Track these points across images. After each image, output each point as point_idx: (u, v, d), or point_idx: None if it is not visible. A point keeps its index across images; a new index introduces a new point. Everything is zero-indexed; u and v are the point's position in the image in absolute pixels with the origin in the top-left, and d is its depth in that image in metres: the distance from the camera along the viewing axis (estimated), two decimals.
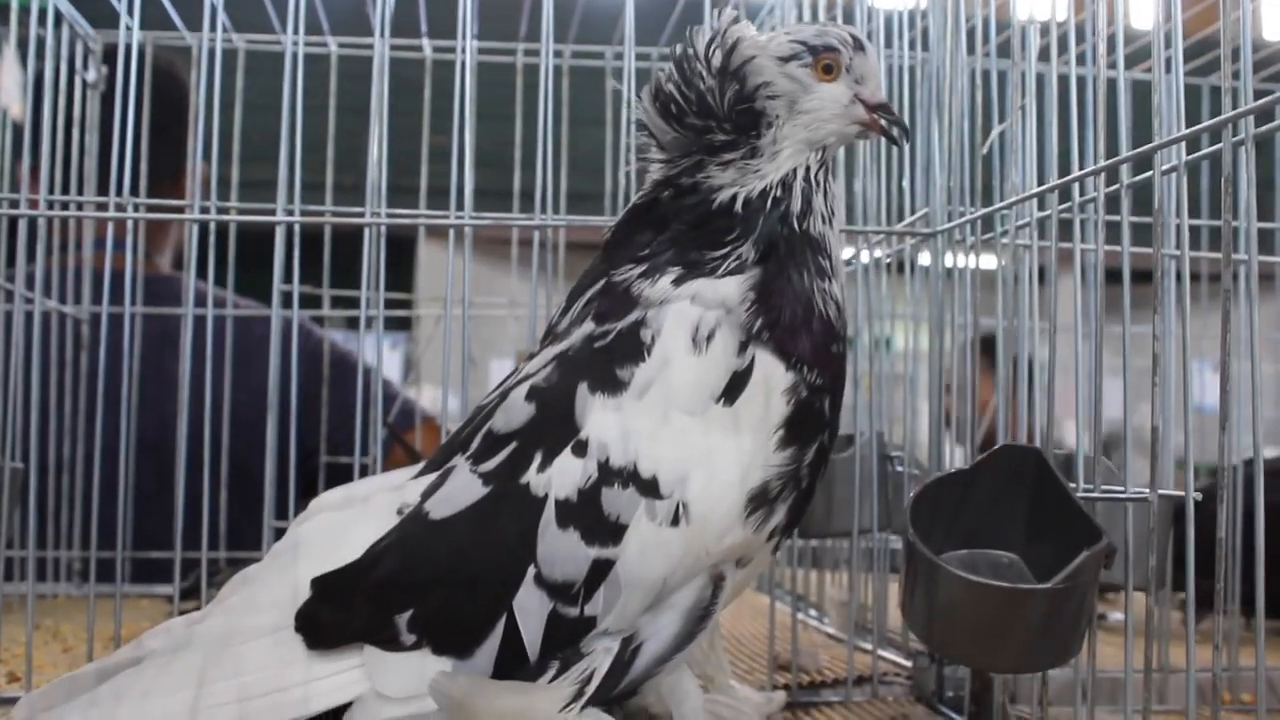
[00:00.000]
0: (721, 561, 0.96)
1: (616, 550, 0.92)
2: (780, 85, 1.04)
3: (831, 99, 1.05)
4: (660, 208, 1.04)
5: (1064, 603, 0.97)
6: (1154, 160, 0.99)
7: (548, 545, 0.92)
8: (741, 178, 1.03)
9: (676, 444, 0.94)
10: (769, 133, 1.04)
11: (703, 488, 0.94)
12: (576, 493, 0.93)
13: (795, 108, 1.04)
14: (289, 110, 1.30)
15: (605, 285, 1.03)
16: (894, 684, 1.34)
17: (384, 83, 1.33)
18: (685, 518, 0.93)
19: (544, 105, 1.32)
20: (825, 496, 1.29)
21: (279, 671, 0.91)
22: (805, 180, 1.03)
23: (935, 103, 1.37)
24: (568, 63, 1.90)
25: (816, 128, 1.05)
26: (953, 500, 1.05)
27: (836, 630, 1.60)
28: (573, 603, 0.91)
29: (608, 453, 0.94)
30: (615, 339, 0.98)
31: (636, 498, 0.93)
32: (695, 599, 0.96)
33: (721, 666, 1.14)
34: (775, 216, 1.02)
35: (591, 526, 0.92)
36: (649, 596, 0.93)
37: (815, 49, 1.04)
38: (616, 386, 0.96)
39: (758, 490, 0.95)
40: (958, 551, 1.03)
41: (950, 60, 1.34)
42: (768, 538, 0.98)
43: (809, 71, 1.04)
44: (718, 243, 1.01)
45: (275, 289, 1.33)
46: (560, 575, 0.91)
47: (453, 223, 1.28)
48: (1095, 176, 1.06)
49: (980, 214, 1.25)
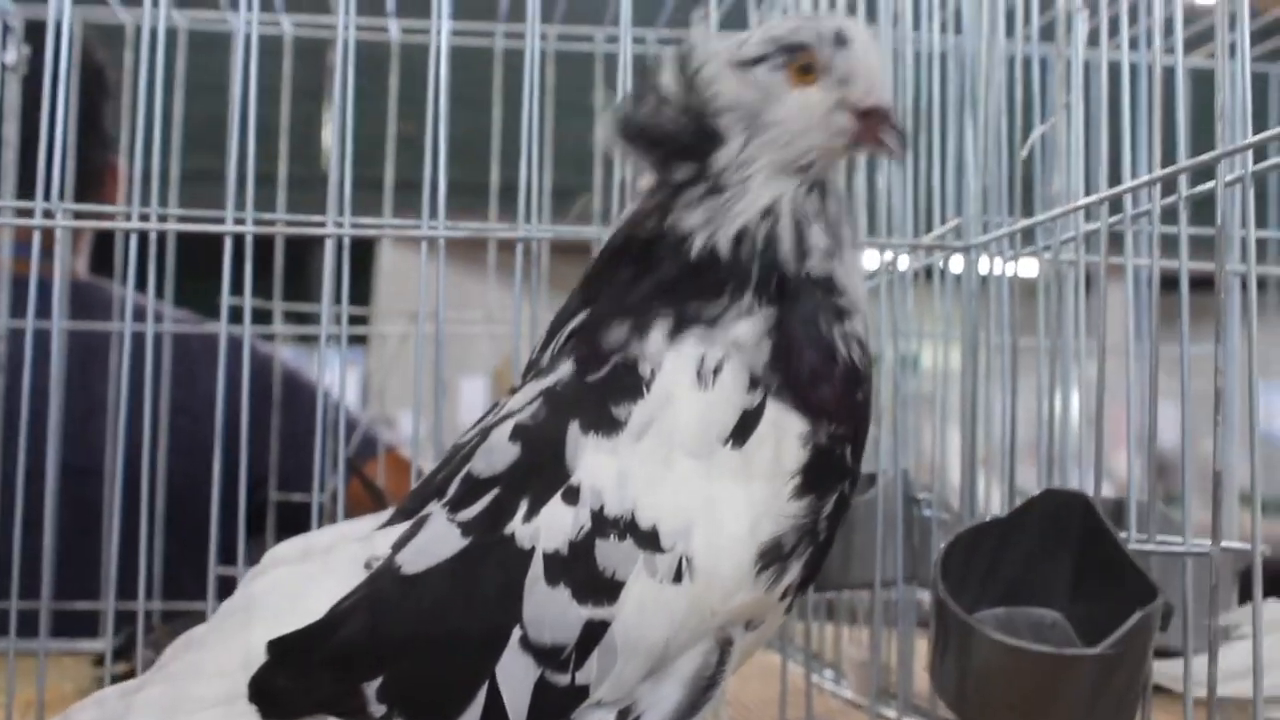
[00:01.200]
0: (729, 623, 0.95)
1: (612, 610, 0.91)
2: (738, 95, 0.99)
3: (804, 107, 0.98)
4: (637, 250, 1.01)
5: (1115, 670, 0.97)
6: (1217, 170, 1.00)
7: (535, 604, 0.91)
8: (712, 218, 0.98)
9: (679, 491, 0.94)
10: (727, 157, 0.98)
11: (709, 540, 0.93)
12: (567, 545, 0.92)
13: (759, 121, 0.99)
14: (240, 105, 1.30)
15: (589, 325, 1.01)
16: None
17: (347, 70, 1.33)
18: (689, 574, 0.92)
19: (529, 98, 1.33)
20: (844, 544, 1.30)
21: None
22: (793, 214, 0.99)
23: (970, 95, 1.38)
24: (553, 46, 1.90)
25: (789, 144, 0.98)
26: (988, 551, 1.06)
27: (856, 695, 1.60)
28: (563, 669, 0.90)
29: (602, 500, 0.93)
30: (610, 372, 0.98)
31: (635, 551, 0.92)
32: (699, 665, 0.95)
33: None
34: (767, 263, 0.98)
35: (584, 583, 0.91)
36: (648, 662, 0.93)
37: (787, 48, 0.99)
38: (612, 426, 0.95)
39: (770, 544, 0.94)
40: (994, 610, 1.04)
41: (986, 46, 1.35)
42: (780, 596, 0.97)
43: (780, 77, 0.99)
44: (713, 294, 0.98)
45: (224, 304, 1.33)
46: (549, 638, 0.90)
47: (425, 234, 1.29)
48: (1150, 187, 1.07)
49: (1019, 227, 1.26)
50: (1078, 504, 1.04)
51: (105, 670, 1.38)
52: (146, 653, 1.33)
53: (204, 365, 1.64)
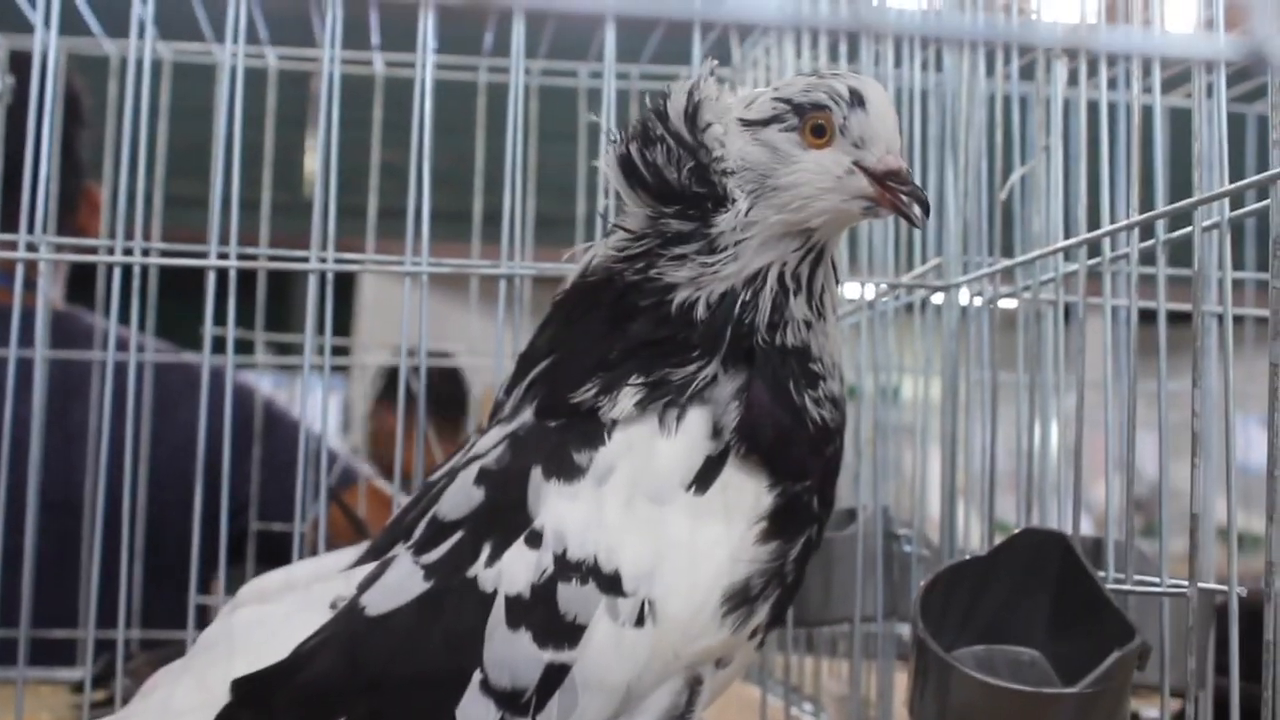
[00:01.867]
0: (696, 663, 0.95)
1: (573, 654, 0.91)
2: (747, 154, 0.97)
3: (818, 169, 0.95)
4: (614, 292, 0.99)
5: (1093, 708, 0.98)
6: (1194, 216, 1.01)
7: (496, 648, 0.91)
8: (698, 277, 0.96)
9: (642, 535, 0.94)
10: (728, 220, 0.96)
11: (672, 584, 0.93)
12: (529, 588, 0.92)
13: (769, 183, 0.96)
14: (225, 136, 1.30)
15: (554, 373, 1.01)
16: None
17: (332, 105, 1.33)
18: (652, 618, 0.92)
19: (512, 133, 1.33)
20: (824, 579, 1.30)
21: None
22: (779, 283, 0.97)
23: (950, 135, 1.39)
24: (537, 80, 1.91)
25: (798, 207, 0.96)
26: (968, 590, 1.07)
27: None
28: (523, 712, 0.91)
29: (565, 544, 0.93)
30: (571, 419, 0.98)
31: (597, 595, 0.92)
32: (669, 705, 0.95)
33: None
34: (740, 330, 0.96)
35: (545, 627, 0.91)
36: (610, 705, 0.92)
37: (802, 108, 0.96)
38: (574, 472, 0.95)
39: (738, 587, 0.94)
40: (973, 648, 1.04)
41: (967, 86, 1.36)
42: (749, 636, 0.97)
43: (794, 137, 0.96)
44: (683, 355, 0.96)
45: (207, 335, 1.33)
46: (509, 682, 0.91)
47: (409, 269, 1.29)
48: (1128, 231, 1.08)
49: (999, 267, 1.27)
50: (1056, 543, 1.05)
51: (84, 698, 1.37)
52: (125, 681, 1.33)
53: (183, 396, 1.64)
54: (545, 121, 1.91)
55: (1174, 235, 1.06)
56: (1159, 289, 1.06)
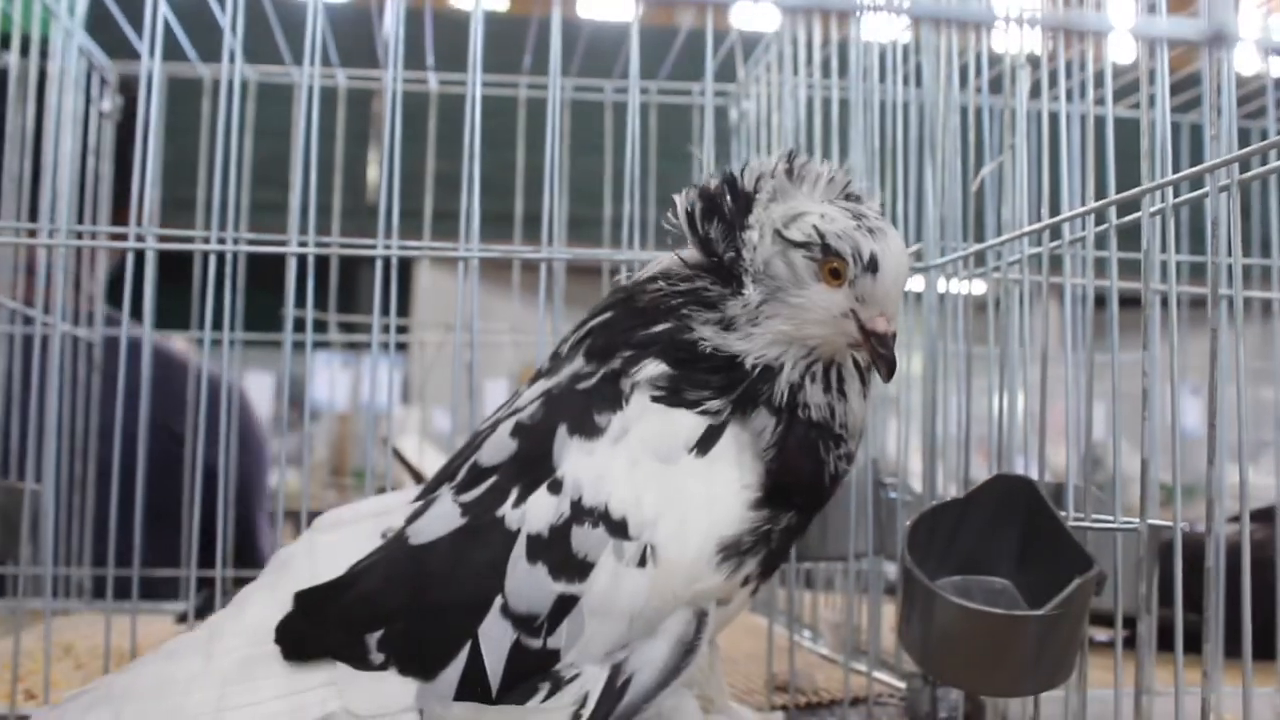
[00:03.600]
0: (698, 601, 0.95)
1: (582, 587, 0.92)
2: (774, 266, 0.97)
3: (823, 303, 0.96)
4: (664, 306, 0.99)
5: (1056, 628, 0.98)
6: (1142, 203, 1.00)
7: (516, 578, 0.92)
8: (715, 338, 0.97)
9: (648, 489, 0.94)
10: (741, 306, 0.97)
11: (671, 532, 0.93)
12: (548, 529, 0.93)
13: (780, 294, 0.96)
14: (303, 143, 1.31)
15: (597, 326, 1.02)
16: (888, 705, 1.34)
17: (396, 114, 1.34)
18: (653, 560, 0.93)
19: (551, 139, 1.33)
20: (821, 521, 1.29)
21: (256, 685, 0.93)
22: (796, 377, 0.96)
23: (929, 139, 1.38)
24: (570, 95, 1.91)
25: (798, 325, 0.96)
26: (947, 528, 1.06)
27: (831, 652, 1.61)
28: (536, 635, 0.91)
29: (581, 492, 0.94)
30: (597, 384, 0.98)
31: (605, 537, 0.93)
32: (683, 630, 0.95)
33: (721, 688, 1.14)
34: (750, 393, 0.96)
35: (559, 562, 0.92)
36: (615, 633, 0.93)
37: (829, 250, 0.95)
38: (594, 431, 0.96)
39: (730, 541, 0.95)
40: (952, 578, 1.04)
41: (943, 96, 1.35)
42: (742, 583, 0.97)
43: (814, 268, 0.96)
44: (705, 382, 0.97)
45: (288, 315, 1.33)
46: (525, 607, 0.92)
47: (461, 254, 1.29)
48: (1085, 217, 1.08)
49: (972, 250, 1.26)
50: (1024, 487, 1.05)
51: (188, 627, 1.38)
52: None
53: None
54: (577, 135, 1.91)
55: (1124, 220, 1.05)
56: (1111, 268, 1.06)
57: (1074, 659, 1.00)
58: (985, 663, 1.00)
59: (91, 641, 1.57)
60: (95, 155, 1.72)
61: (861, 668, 1.38)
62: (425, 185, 1.94)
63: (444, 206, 1.71)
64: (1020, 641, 0.98)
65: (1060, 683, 1.02)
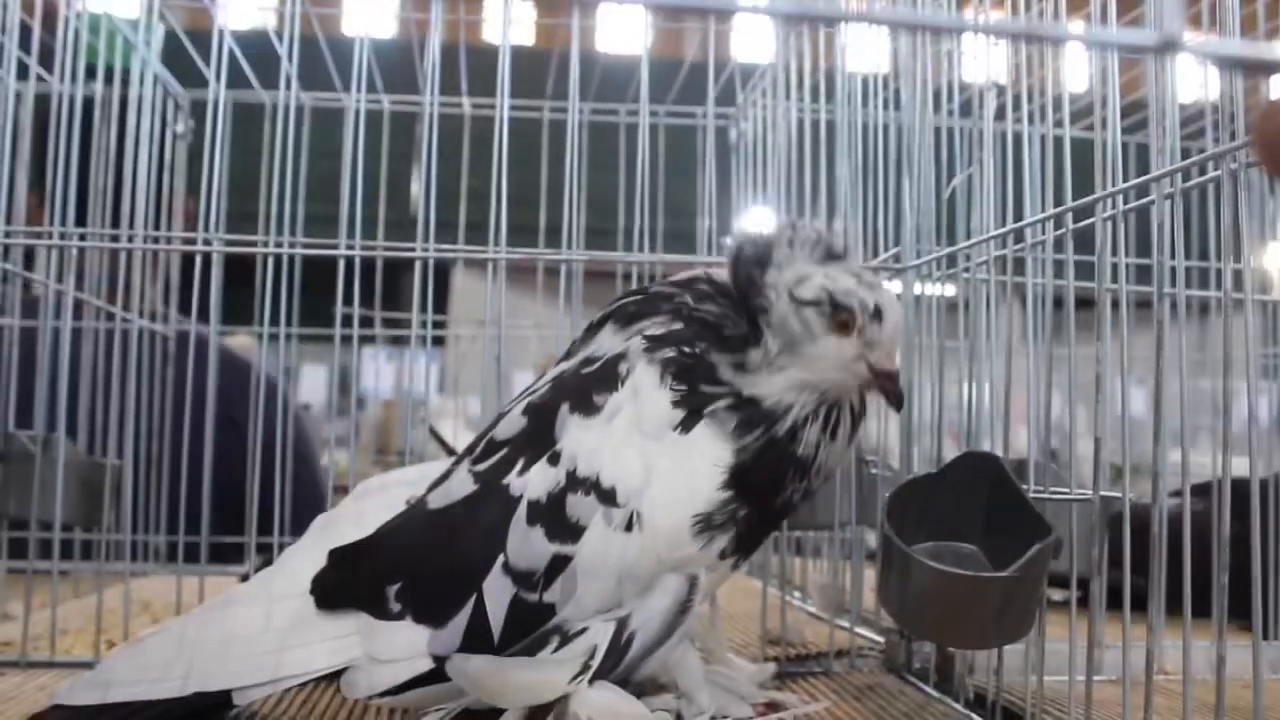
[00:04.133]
0: (684, 567, 0.95)
1: (574, 548, 0.92)
2: (786, 319, 0.97)
3: (836, 353, 0.97)
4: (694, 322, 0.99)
5: (1018, 589, 0.97)
6: (1095, 209, 1.00)
7: (516, 538, 0.93)
8: (735, 379, 0.97)
9: (636, 461, 0.94)
10: (761, 356, 0.97)
11: (655, 501, 0.93)
12: (546, 495, 0.93)
13: (796, 347, 0.97)
14: (350, 159, 1.31)
15: (612, 315, 1.02)
16: (868, 657, 1.34)
17: (432, 134, 1.34)
18: (639, 526, 0.93)
19: (571, 154, 1.33)
20: None
21: (302, 630, 0.94)
22: (801, 417, 0.97)
23: (906, 156, 1.38)
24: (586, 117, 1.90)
25: (816, 372, 0.97)
26: (921, 499, 1.06)
27: (818, 610, 1.60)
28: (533, 590, 0.92)
29: (576, 464, 0.94)
30: (599, 368, 0.99)
31: (595, 504, 0.93)
32: (676, 595, 0.95)
33: (720, 641, 1.15)
34: (757, 423, 0.96)
35: (555, 525, 0.93)
36: (604, 591, 0.93)
37: (836, 305, 0.97)
38: (592, 409, 0.96)
39: (702, 516, 0.94)
40: (926, 544, 1.04)
41: (919, 118, 1.35)
42: (719, 556, 0.97)
43: (823, 322, 0.97)
44: (713, 389, 0.97)
45: (338, 312, 1.33)
46: (524, 565, 0.92)
47: (490, 256, 1.29)
48: (1045, 223, 1.07)
49: (945, 252, 1.26)
50: (990, 462, 1.05)
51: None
52: None
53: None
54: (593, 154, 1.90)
55: (1080, 224, 1.05)
56: (1068, 269, 1.05)
57: (1034, 616, 1.00)
58: (955, 619, 1.00)
59: (166, 599, 1.57)
60: (170, 172, 1.73)
61: (845, 624, 1.37)
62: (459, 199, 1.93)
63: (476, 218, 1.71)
64: (986, 600, 0.98)
65: (1022, 636, 1.01)
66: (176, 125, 1.82)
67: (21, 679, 1.17)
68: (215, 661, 0.93)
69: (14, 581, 1.41)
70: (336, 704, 1.09)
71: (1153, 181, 0.93)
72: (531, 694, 0.89)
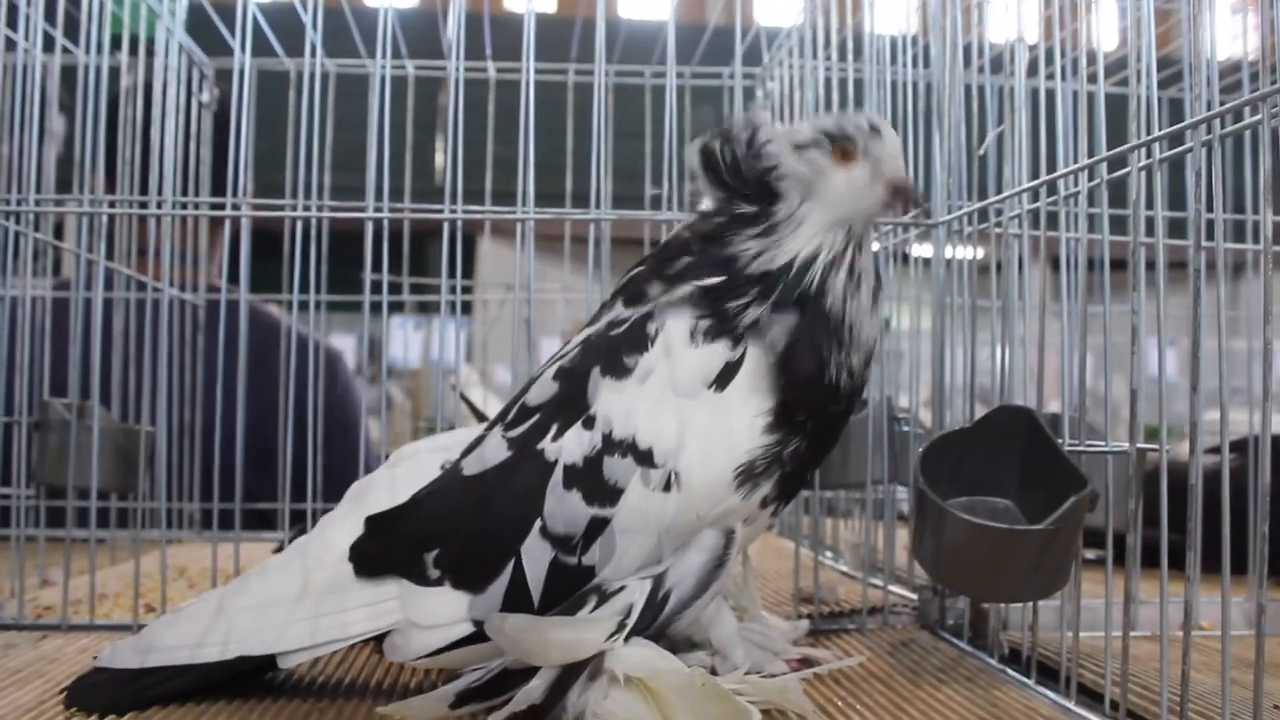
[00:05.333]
0: (723, 520, 0.95)
1: (613, 510, 0.92)
2: (796, 169, 1.00)
3: (849, 183, 1.00)
4: (693, 246, 1.01)
5: (1053, 542, 0.97)
6: (1130, 159, 0.98)
7: (554, 503, 0.93)
8: (765, 250, 0.98)
9: (671, 421, 0.94)
10: (785, 210, 0.99)
11: (692, 460, 0.93)
12: (582, 459, 0.93)
13: (813, 190, 0.99)
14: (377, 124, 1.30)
15: (632, 280, 1.02)
16: (901, 614, 1.34)
17: (459, 98, 1.33)
18: (677, 485, 0.93)
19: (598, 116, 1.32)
20: (842, 452, 1.30)
21: (339, 597, 0.94)
22: (829, 260, 0.98)
23: (936, 112, 1.36)
24: (611, 80, 1.89)
25: (836, 207, 0.99)
26: (955, 454, 1.06)
27: (849, 569, 1.61)
28: (571, 553, 0.92)
29: (611, 426, 0.94)
30: (627, 329, 0.98)
31: (633, 466, 0.93)
32: (712, 550, 0.95)
33: (754, 599, 1.15)
34: (792, 289, 0.97)
35: (592, 489, 0.93)
36: (643, 551, 0.93)
37: (834, 137, 1.00)
38: (623, 371, 0.96)
39: (744, 466, 0.94)
40: (960, 499, 1.04)
41: (949, 75, 1.33)
42: (760, 505, 0.97)
43: (828, 158, 1.00)
44: (738, 298, 0.97)
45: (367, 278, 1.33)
46: (562, 529, 0.92)
47: (519, 217, 1.29)
48: (1080, 173, 1.06)
49: (976, 207, 1.25)
50: (1024, 416, 1.04)
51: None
52: None
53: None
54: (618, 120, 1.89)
55: (1114, 175, 1.03)
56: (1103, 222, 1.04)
57: (1069, 570, 1.00)
58: (990, 572, 1.00)
59: (201, 565, 1.59)
60: (196, 141, 1.73)
61: (878, 582, 1.37)
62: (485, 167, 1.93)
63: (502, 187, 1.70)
64: (1021, 553, 0.98)
65: (1056, 590, 1.01)
66: (202, 95, 1.82)
67: (63, 641, 1.19)
68: (255, 627, 0.94)
69: (52, 549, 1.43)
70: (372, 664, 1.10)
71: (1189, 129, 0.91)
72: (568, 651, 0.89)
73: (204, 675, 0.95)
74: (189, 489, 1.80)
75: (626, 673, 0.89)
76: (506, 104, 1.62)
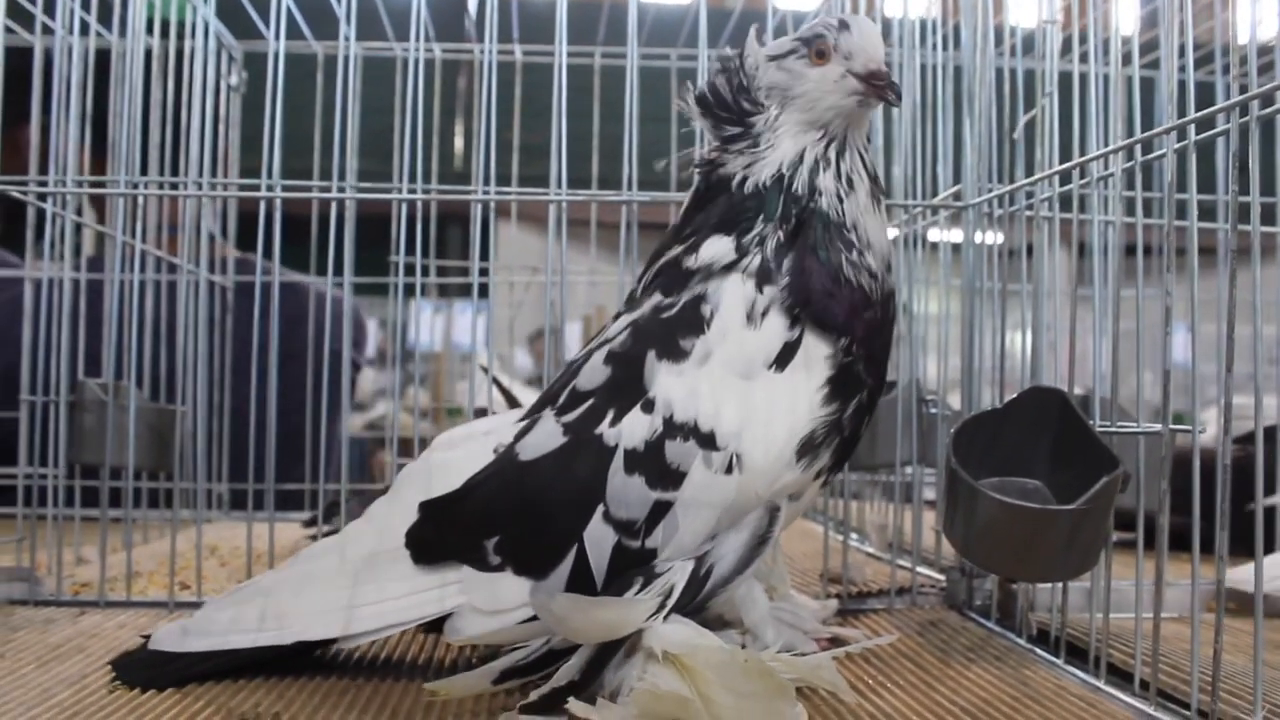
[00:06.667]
0: (775, 497, 0.97)
1: (676, 494, 0.93)
2: (774, 79, 1.03)
3: (821, 79, 1.02)
4: (699, 196, 1.05)
5: (1084, 522, 0.98)
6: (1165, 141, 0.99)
7: (615, 488, 0.93)
8: (750, 165, 1.02)
9: (732, 404, 0.95)
10: (764, 122, 1.02)
11: (754, 441, 0.95)
12: (643, 444, 0.94)
13: (789, 95, 1.03)
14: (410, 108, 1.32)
15: (663, 263, 1.04)
16: (929, 594, 1.35)
17: (491, 81, 1.34)
18: (738, 467, 0.94)
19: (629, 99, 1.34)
20: (870, 434, 1.30)
21: (383, 584, 0.96)
22: (812, 162, 1.01)
23: (967, 94, 1.37)
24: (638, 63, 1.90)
25: (810, 107, 1.02)
26: (987, 434, 1.06)
27: (876, 550, 1.62)
28: (635, 537, 0.93)
29: (672, 410, 0.95)
30: (679, 311, 0.99)
31: (695, 449, 0.94)
32: (755, 527, 0.97)
33: (784, 579, 1.16)
34: (782, 198, 1.00)
35: (655, 473, 0.94)
36: (704, 532, 0.95)
37: (807, 40, 1.03)
38: (680, 355, 0.97)
39: (805, 439, 0.96)
40: (991, 479, 1.04)
41: (979, 58, 1.34)
42: (815, 476, 0.99)
43: (804, 62, 1.02)
44: (748, 224, 1.01)
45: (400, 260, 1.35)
46: (625, 514, 0.93)
47: (552, 198, 1.30)
48: (1111, 156, 1.06)
49: (1007, 189, 1.25)
50: (1055, 396, 1.05)
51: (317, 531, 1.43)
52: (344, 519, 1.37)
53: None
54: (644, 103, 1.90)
55: (1147, 158, 1.04)
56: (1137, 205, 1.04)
57: (1100, 550, 1.01)
58: (1021, 552, 1.01)
59: (232, 544, 1.62)
60: (225, 123, 1.75)
61: (905, 563, 1.38)
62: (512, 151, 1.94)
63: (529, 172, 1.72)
64: (1052, 533, 0.98)
65: (1087, 570, 1.02)
66: (230, 78, 1.84)
67: (101, 617, 1.21)
68: (311, 611, 0.96)
69: (85, 528, 1.46)
70: (406, 641, 1.13)
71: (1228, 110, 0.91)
72: (611, 630, 0.89)
73: (251, 654, 0.97)
74: (218, 470, 1.83)
75: (665, 649, 0.89)
76: (534, 87, 1.63)
